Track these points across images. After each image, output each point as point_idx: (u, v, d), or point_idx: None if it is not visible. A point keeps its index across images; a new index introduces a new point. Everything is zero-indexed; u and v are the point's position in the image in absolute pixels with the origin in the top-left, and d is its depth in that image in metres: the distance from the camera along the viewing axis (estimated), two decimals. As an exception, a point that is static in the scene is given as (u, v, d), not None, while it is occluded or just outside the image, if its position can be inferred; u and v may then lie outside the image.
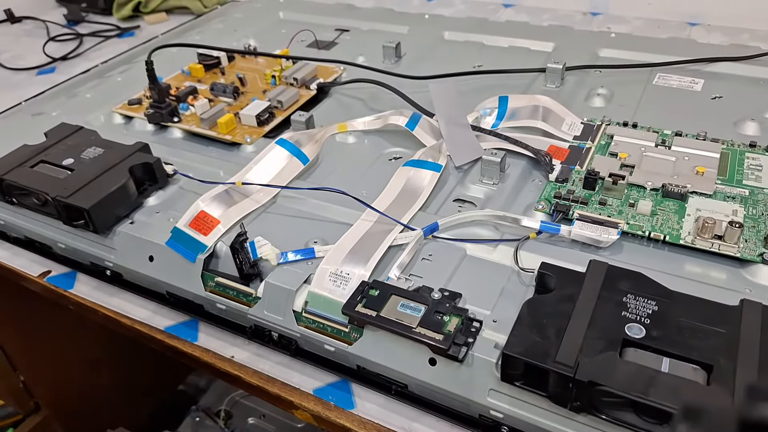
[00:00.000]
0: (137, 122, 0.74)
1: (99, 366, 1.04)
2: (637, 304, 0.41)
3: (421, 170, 0.59)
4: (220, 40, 0.94)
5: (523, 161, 0.61)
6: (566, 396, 0.38)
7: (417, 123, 0.65)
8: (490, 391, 0.42)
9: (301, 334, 0.49)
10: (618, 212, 0.52)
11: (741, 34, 0.88)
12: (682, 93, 0.71)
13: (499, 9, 1.06)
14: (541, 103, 0.66)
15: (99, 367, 1.04)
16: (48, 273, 0.64)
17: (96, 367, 1.03)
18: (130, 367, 1.09)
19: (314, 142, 0.64)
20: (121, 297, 0.60)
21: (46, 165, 0.60)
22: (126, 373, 1.09)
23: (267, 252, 0.51)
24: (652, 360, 0.38)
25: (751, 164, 0.57)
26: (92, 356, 1.02)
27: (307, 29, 0.92)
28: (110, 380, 1.08)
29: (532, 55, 0.83)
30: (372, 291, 0.45)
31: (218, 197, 0.56)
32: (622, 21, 0.97)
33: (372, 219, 0.53)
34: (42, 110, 0.80)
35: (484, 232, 0.53)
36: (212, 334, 0.55)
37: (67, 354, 0.97)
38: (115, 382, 1.09)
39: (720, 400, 0.35)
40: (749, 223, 0.50)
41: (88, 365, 1.02)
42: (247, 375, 0.51)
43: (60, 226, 0.59)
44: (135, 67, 0.89)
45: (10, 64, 1.01)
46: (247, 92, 0.77)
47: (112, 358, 1.05)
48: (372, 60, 0.84)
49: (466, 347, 0.41)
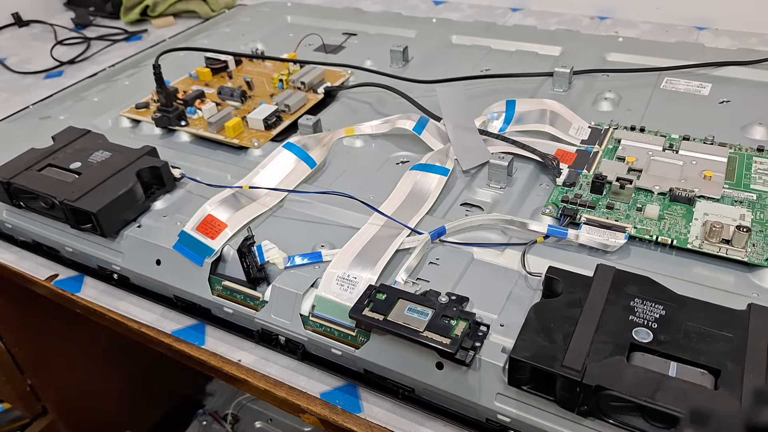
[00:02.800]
0: (145, 126, 0.74)
1: (106, 370, 1.04)
2: (645, 309, 0.41)
3: (428, 174, 0.59)
4: (228, 44, 0.95)
5: (531, 165, 0.61)
6: (573, 400, 0.38)
7: (424, 127, 0.65)
8: (497, 396, 0.42)
9: (308, 337, 0.49)
10: (625, 216, 0.52)
11: (749, 38, 0.88)
12: (690, 97, 0.71)
13: (506, 13, 1.06)
14: (548, 107, 0.66)
15: (106, 370, 1.04)
16: (55, 276, 0.64)
17: (103, 371, 1.03)
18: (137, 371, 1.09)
19: (321, 146, 0.64)
20: (129, 300, 0.60)
21: (54, 169, 0.61)
22: (133, 376, 1.09)
23: (274, 256, 0.51)
24: (659, 364, 0.38)
25: (759, 168, 0.57)
26: (99, 360, 1.02)
27: (315, 33, 0.92)
28: (117, 384, 1.08)
29: (539, 59, 0.83)
30: (379, 295, 0.45)
31: (225, 201, 0.56)
32: (629, 25, 0.97)
33: (379, 223, 0.53)
34: (49, 114, 0.80)
35: (492, 236, 0.53)
36: (219, 337, 0.55)
37: (74, 358, 0.98)
38: (123, 386, 1.09)
39: (727, 405, 0.35)
40: (757, 228, 0.50)
41: (96, 369, 1.02)
42: (254, 379, 0.51)
43: (67, 229, 0.59)
44: (142, 71, 0.89)
45: (18, 67, 1.02)
46: (254, 96, 0.77)
47: (119, 362, 1.05)
48: (379, 64, 0.84)
49: (473, 351, 0.41)
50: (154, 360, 0.86)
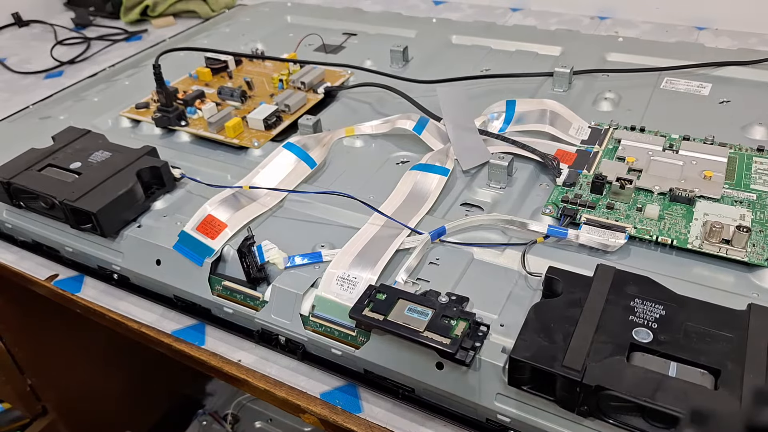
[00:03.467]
0: (145, 126, 0.74)
1: (106, 370, 1.04)
2: (645, 309, 0.41)
3: (428, 174, 0.59)
4: (228, 44, 0.95)
5: (531, 165, 0.61)
6: (573, 400, 0.38)
7: (424, 127, 0.65)
8: (497, 396, 0.42)
9: (308, 338, 0.49)
10: (625, 216, 0.52)
11: (749, 38, 0.88)
12: (690, 97, 0.71)
13: (506, 13, 1.06)
14: (548, 107, 0.66)
15: (106, 370, 1.04)
16: (55, 276, 0.64)
17: (103, 371, 1.03)
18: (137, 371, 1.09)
19: (321, 146, 0.64)
20: (129, 301, 0.60)
21: (54, 169, 0.61)
22: (133, 376, 1.09)
23: (274, 256, 0.51)
24: (659, 364, 0.38)
25: (759, 168, 0.57)
26: (99, 360, 1.02)
27: (315, 33, 0.92)
28: (117, 384, 1.08)
29: (539, 59, 0.83)
30: (379, 295, 0.45)
31: (226, 201, 0.56)
32: (629, 25, 0.97)
33: (379, 223, 0.53)
34: (49, 114, 0.80)
35: (492, 236, 0.53)
36: (219, 337, 0.55)
37: (74, 358, 0.98)
38: (123, 386, 1.09)
39: (727, 405, 0.35)
40: (757, 228, 0.50)
41: (96, 369, 1.02)
42: (254, 379, 0.51)
43: (67, 229, 0.59)
44: (142, 71, 0.89)
45: (18, 67, 1.02)
46: (254, 96, 0.77)
47: (119, 362, 1.05)
48: (379, 64, 0.84)
49: (473, 351, 0.41)
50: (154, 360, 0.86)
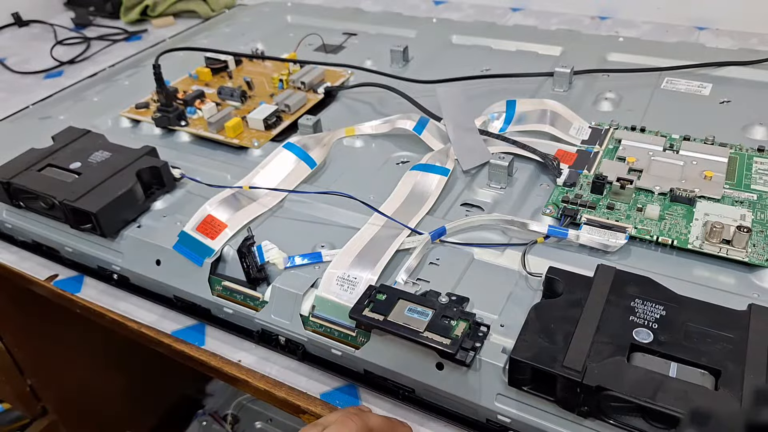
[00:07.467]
0: (144, 126, 0.74)
1: (106, 370, 1.04)
2: (645, 309, 0.41)
3: (428, 174, 0.59)
4: (228, 44, 0.95)
5: (531, 165, 0.61)
6: (574, 401, 0.38)
7: (424, 127, 0.65)
8: (497, 396, 0.42)
9: (308, 338, 0.49)
10: (626, 217, 0.52)
11: (749, 38, 0.88)
12: (691, 97, 0.71)
13: (507, 13, 1.06)
14: (548, 107, 0.66)
15: (106, 371, 1.04)
16: (55, 277, 0.64)
17: (103, 371, 1.03)
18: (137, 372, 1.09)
19: (322, 146, 0.64)
20: (128, 301, 0.60)
21: (54, 169, 0.61)
22: (133, 377, 1.09)
23: (274, 256, 0.51)
24: (659, 365, 0.38)
25: (759, 169, 0.57)
26: (99, 360, 1.02)
27: (315, 33, 0.92)
28: (117, 384, 1.08)
29: (540, 59, 0.83)
30: (379, 295, 0.45)
31: (225, 201, 0.56)
32: (630, 25, 0.96)
33: (379, 223, 0.53)
34: (49, 114, 0.80)
35: (492, 237, 0.53)
36: (219, 338, 0.55)
37: (74, 358, 0.97)
38: (122, 386, 1.09)
39: (728, 405, 0.35)
40: (757, 228, 0.50)
41: (96, 369, 1.02)
42: (254, 379, 0.51)
43: (67, 229, 0.59)
44: (142, 71, 0.89)
45: (18, 67, 1.01)
46: (254, 96, 0.77)
47: (119, 362, 1.05)
48: (380, 64, 0.84)
49: (473, 352, 0.41)
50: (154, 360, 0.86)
